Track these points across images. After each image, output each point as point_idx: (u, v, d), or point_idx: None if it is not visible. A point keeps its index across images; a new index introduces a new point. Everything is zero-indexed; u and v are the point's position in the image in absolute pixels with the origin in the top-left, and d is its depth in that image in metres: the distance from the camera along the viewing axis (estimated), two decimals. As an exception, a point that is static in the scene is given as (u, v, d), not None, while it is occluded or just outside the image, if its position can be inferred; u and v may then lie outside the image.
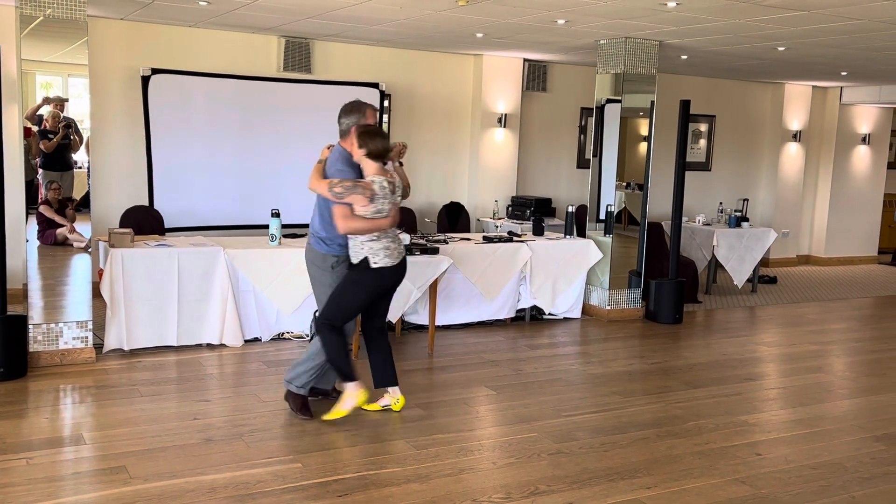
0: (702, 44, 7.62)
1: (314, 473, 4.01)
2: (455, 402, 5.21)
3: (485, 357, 6.33)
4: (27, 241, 6.40)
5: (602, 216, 7.91)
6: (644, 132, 8.04)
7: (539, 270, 7.35)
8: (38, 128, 6.88)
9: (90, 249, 6.29)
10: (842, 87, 11.58)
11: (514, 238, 7.45)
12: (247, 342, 6.29)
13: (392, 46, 8.80)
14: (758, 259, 9.43)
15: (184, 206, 7.85)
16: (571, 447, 4.51)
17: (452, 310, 7.04)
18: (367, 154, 4.49)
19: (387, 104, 8.82)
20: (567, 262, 7.53)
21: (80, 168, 7.32)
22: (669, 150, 8.45)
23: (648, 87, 7.75)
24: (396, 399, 4.93)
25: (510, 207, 9.35)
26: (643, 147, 8.06)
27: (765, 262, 10.61)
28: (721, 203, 10.51)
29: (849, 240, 12.23)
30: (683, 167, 7.91)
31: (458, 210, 9.24)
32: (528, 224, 8.36)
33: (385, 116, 8.83)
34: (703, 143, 11.20)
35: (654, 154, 8.08)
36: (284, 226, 6.68)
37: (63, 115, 6.93)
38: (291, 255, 6.23)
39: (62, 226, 6.63)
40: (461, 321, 7.17)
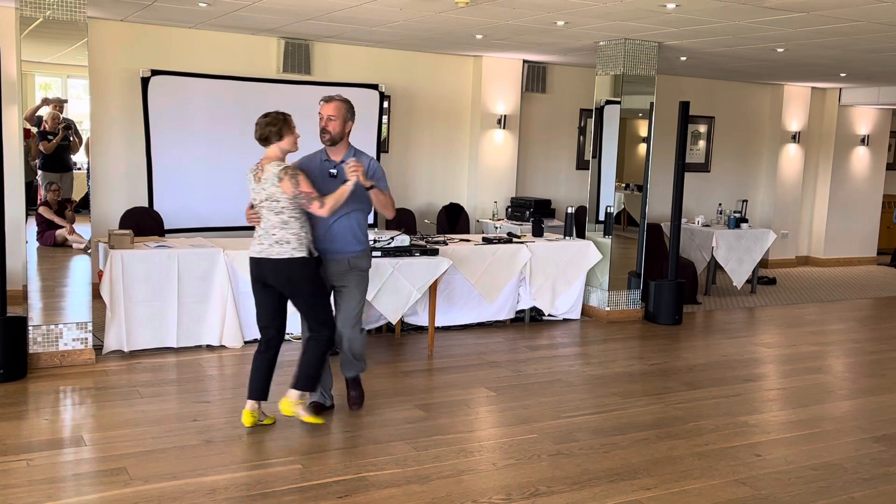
0: (701, 45, 7.62)
1: (314, 474, 4.01)
2: (455, 404, 5.21)
3: (485, 358, 6.33)
4: (27, 243, 6.40)
5: (601, 217, 7.92)
6: (643, 133, 8.05)
7: (538, 271, 7.35)
8: (38, 129, 6.88)
9: (90, 251, 6.29)
10: (841, 89, 11.59)
11: (514, 239, 7.44)
12: (247, 343, 6.28)
13: (392, 48, 8.80)
14: (757, 260, 9.44)
15: (183, 208, 7.84)
16: (571, 448, 4.51)
17: (452, 311, 7.05)
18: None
19: (386, 105, 8.82)
20: (566, 264, 7.53)
21: (80, 169, 7.33)
22: (669, 152, 8.45)
23: (648, 89, 7.76)
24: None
25: (510, 208, 9.34)
26: (642, 148, 8.06)
27: (764, 263, 10.62)
28: (720, 204, 10.51)
29: (848, 241, 12.23)
30: (683, 168, 7.92)
31: (458, 211, 9.24)
32: (528, 225, 8.35)
33: (385, 118, 8.83)
34: (703, 145, 11.21)
35: (654, 155, 8.08)
36: (284, 227, 6.67)
37: (62, 117, 6.93)
38: (291, 257, 6.21)
39: (62, 227, 6.64)
40: (461, 322, 7.17)
